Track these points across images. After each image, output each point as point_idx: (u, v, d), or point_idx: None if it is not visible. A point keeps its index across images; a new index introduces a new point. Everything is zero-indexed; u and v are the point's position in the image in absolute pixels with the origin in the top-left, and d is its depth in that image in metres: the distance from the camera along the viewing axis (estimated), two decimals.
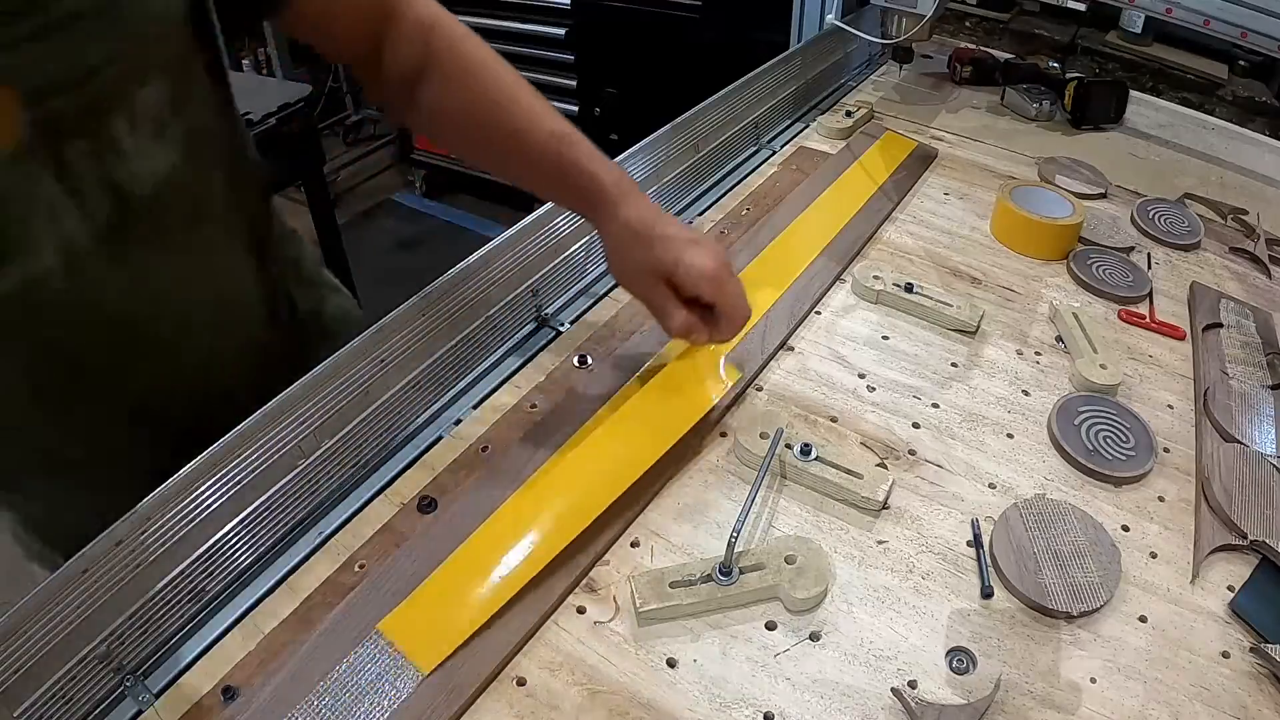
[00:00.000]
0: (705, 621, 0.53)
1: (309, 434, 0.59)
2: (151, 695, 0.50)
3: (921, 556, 0.58)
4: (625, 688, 0.50)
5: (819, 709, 0.49)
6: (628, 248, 0.61)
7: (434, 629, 0.51)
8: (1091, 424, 0.67)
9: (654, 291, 0.61)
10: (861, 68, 1.34)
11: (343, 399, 0.61)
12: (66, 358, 0.55)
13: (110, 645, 0.49)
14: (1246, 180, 1.09)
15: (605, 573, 0.56)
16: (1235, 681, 0.51)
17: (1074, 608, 0.54)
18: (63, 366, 0.55)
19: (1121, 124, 1.19)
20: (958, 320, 0.77)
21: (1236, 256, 0.93)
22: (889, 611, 0.54)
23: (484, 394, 0.70)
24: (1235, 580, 0.57)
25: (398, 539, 0.57)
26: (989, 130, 1.15)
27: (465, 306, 0.70)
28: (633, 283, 0.64)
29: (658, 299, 0.62)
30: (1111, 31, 1.68)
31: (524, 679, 0.50)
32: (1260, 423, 0.69)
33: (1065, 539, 0.58)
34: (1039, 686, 0.51)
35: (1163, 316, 0.82)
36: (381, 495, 0.61)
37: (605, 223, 0.62)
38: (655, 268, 0.60)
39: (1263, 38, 1.00)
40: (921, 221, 0.94)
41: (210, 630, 0.53)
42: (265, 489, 0.57)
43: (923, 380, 0.72)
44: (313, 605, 0.53)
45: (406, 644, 0.50)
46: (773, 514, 0.60)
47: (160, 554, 0.51)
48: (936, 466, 0.65)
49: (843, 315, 0.79)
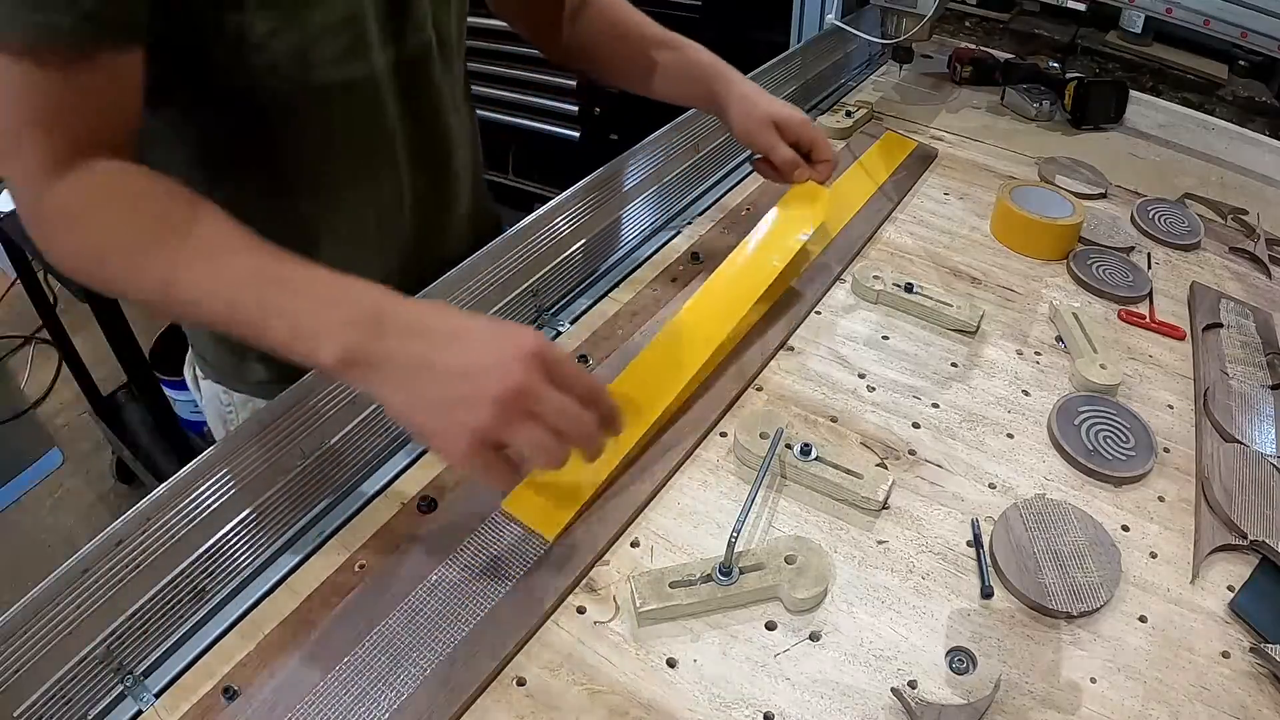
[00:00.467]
0: (705, 621, 0.53)
1: (309, 434, 0.59)
2: (151, 695, 0.50)
3: (921, 556, 0.58)
4: (625, 688, 0.50)
5: (819, 709, 0.49)
6: (750, 106, 0.79)
7: (552, 502, 0.58)
8: (1091, 424, 0.67)
9: (768, 135, 0.78)
10: (861, 68, 1.34)
11: (343, 399, 0.61)
12: (370, 149, 0.66)
13: (110, 645, 0.49)
14: (1246, 180, 1.09)
15: (605, 573, 0.56)
16: (1235, 681, 0.52)
17: (1074, 608, 0.54)
18: (362, 158, 0.66)
19: (1121, 124, 1.19)
20: (958, 320, 0.77)
21: (1236, 256, 0.93)
22: (889, 611, 0.54)
23: None
24: (1235, 580, 0.57)
25: (398, 539, 0.57)
26: (989, 130, 1.15)
27: (465, 306, 0.70)
28: (753, 132, 0.79)
29: (771, 139, 0.78)
30: (1111, 31, 1.67)
31: (524, 679, 0.50)
32: (1260, 423, 0.69)
33: (1065, 539, 0.58)
34: (1039, 686, 0.51)
35: (1163, 316, 0.82)
36: (381, 495, 0.61)
37: (729, 96, 0.79)
38: (766, 115, 0.78)
39: (1263, 38, 1.00)
40: (921, 221, 0.94)
41: (210, 630, 0.53)
42: (265, 489, 0.57)
43: (923, 380, 0.72)
44: (313, 605, 0.53)
45: (529, 518, 0.57)
46: (773, 514, 0.60)
47: (160, 554, 0.51)
48: (936, 466, 0.65)
49: (843, 315, 0.79)
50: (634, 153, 0.89)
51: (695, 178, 0.99)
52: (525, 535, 0.57)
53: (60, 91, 0.47)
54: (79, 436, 2.13)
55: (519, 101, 1.93)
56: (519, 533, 0.57)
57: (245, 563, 0.56)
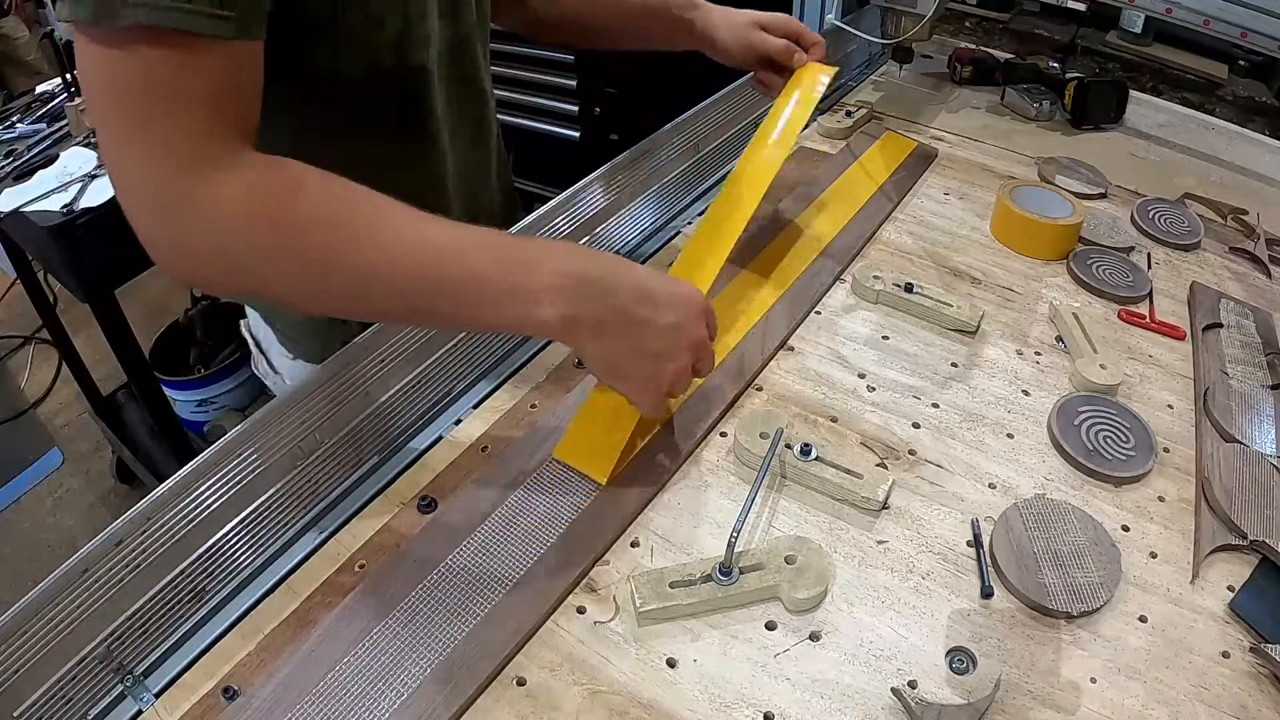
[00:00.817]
0: (705, 621, 0.53)
1: (309, 434, 0.59)
2: (151, 695, 0.50)
3: (921, 556, 0.58)
4: (625, 688, 0.50)
5: (819, 709, 0.49)
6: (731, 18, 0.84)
7: (601, 446, 0.61)
8: (1091, 424, 0.67)
9: (758, 34, 0.83)
10: (861, 68, 1.34)
11: (343, 399, 0.61)
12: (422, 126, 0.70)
13: (110, 645, 0.49)
14: (1246, 180, 1.09)
15: (605, 573, 0.56)
16: (1235, 681, 0.51)
17: (1074, 608, 0.54)
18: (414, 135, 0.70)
19: (1121, 124, 1.19)
20: (958, 320, 0.77)
21: (1236, 256, 0.93)
22: (889, 611, 0.54)
23: (484, 394, 0.70)
24: (1235, 580, 0.57)
25: (398, 539, 0.57)
26: (989, 130, 1.15)
27: None
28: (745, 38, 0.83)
29: (762, 36, 0.83)
30: (1111, 31, 1.68)
31: (524, 679, 0.50)
32: (1260, 423, 0.69)
33: (1065, 539, 0.58)
34: (1039, 686, 0.51)
35: (1163, 316, 0.82)
36: (381, 495, 0.61)
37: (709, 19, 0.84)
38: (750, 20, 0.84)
39: (1263, 38, 1.00)
40: (921, 221, 0.94)
41: (210, 630, 0.53)
42: (265, 489, 0.57)
43: (923, 380, 0.72)
44: (313, 605, 0.53)
45: (581, 463, 0.61)
46: (773, 514, 0.60)
47: (160, 554, 0.51)
48: (936, 466, 0.65)
49: (843, 315, 0.79)
50: (634, 153, 0.89)
51: (695, 178, 0.99)
52: (525, 536, 0.57)
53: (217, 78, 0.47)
54: (79, 436, 2.13)
55: (519, 101, 1.93)
56: (519, 532, 0.57)
57: (245, 563, 0.56)
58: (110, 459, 2.00)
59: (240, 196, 0.47)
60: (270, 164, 0.49)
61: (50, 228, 1.30)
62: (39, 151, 1.47)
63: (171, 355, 1.94)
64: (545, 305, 0.51)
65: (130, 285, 1.46)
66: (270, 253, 0.49)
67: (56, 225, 1.30)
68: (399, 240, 0.49)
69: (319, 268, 0.49)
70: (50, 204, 1.32)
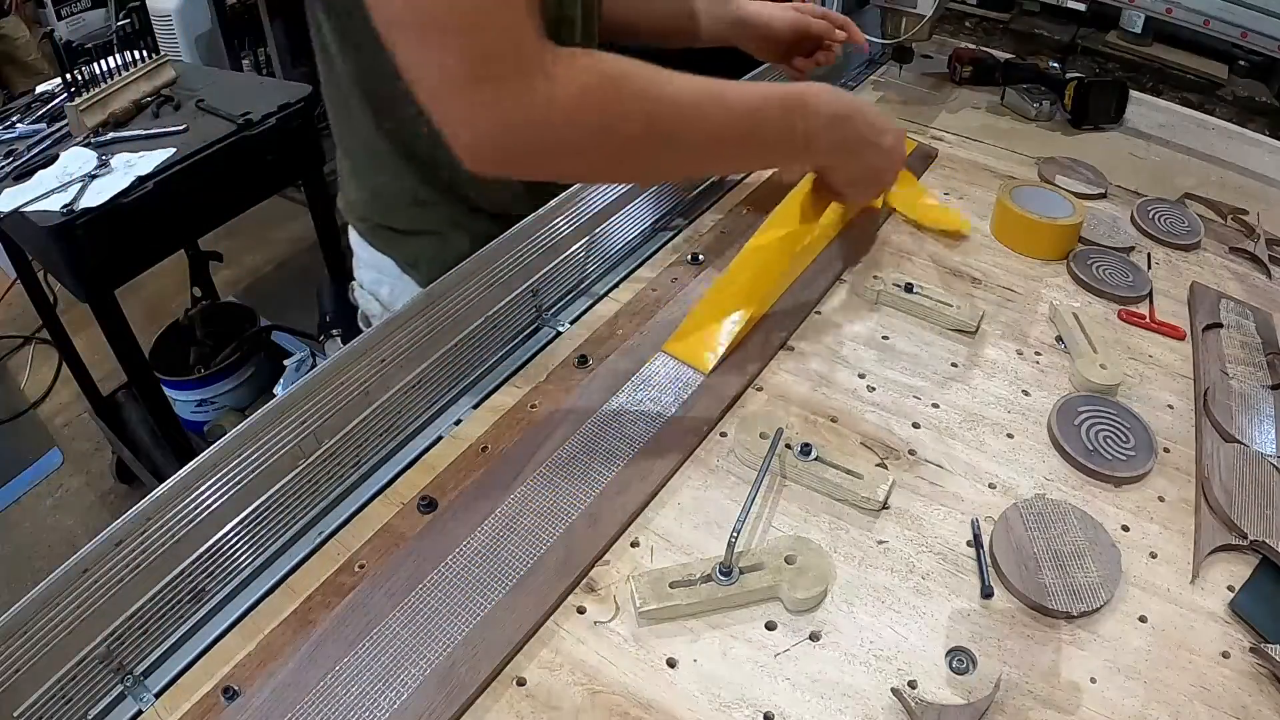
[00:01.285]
0: (705, 621, 0.53)
1: (309, 434, 0.59)
2: (151, 695, 0.50)
3: (921, 556, 0.58)
4: (625, 688, 0.50)
5: (819, 709, 0.49)
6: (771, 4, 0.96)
7: (706, 340, 0.71)
8: (1091, 424, 0.67)
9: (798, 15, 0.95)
10: (861, 68, 1.34)
11: (343, 399, 0.61)
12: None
13: (110, 645, 0.49)
14: (1246, 180, 1.09)
15: (605, 573, 0.56)
16: (1235, 681, 0.52)
17: (1074, 608, 0.54)
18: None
19: (1121, 124, 1.19)
20: (958, 320, 0.77)
21: (1236, 256, 0.93)
22: (889, 611, 0.54)
23: (484, 394, 0.70)
24: (1235, 580, 0.57)
25: (398, 539, 0.57)
26: (989, 130, 1.15)
27: (465, 306, 0.70)
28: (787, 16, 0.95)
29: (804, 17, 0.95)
30: (1111, 31, 1.68)
31: (524, 679, 0.50)
32: (1260, 423, 0.69)
33: (1065, 539, 0.58)
34: (1039, 686, 0.51)
35: (1163, 316, 0.82)
36: (381, 495, 0.61)
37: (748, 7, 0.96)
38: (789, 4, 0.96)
39: (1263, 38, 1.00)
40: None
41: (210, 630, 0.53)
42: (265, 489, 0.57)
43: (923, 380, 0.72)
44: (312, 605, 0.53)
45: (687, 356, 0.70)
46: (773, 514, 0.60)
47: (160, 554, 0.51)
48: (936, 466, 0.65)
49: (843, 315, 0.79)
50: None
51: (695, 178, 0.99)
52: (525, 536, 0.57)
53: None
54: (79, 436, 2.13)
55: None
56: (519, 532, 0.57)
57: (245, 563, 0.56)
58: (110, 459, 2.00)
59: (573, 88, 0.53)
60: (585, 56, 0.55)
61: (50, 228, 1.30)
62: (39, 151, 1.47)
63: (171, 355, 1.94)
64: (816, 144, 0.70)
65: (130, 285, 1.47)
66: (599, 136, 0.56)
67: (56, 225, 1.30)
68: (699, 107, 0.60)
69: (635, 145, 0.58)
70: (50, 204, 1.33)
